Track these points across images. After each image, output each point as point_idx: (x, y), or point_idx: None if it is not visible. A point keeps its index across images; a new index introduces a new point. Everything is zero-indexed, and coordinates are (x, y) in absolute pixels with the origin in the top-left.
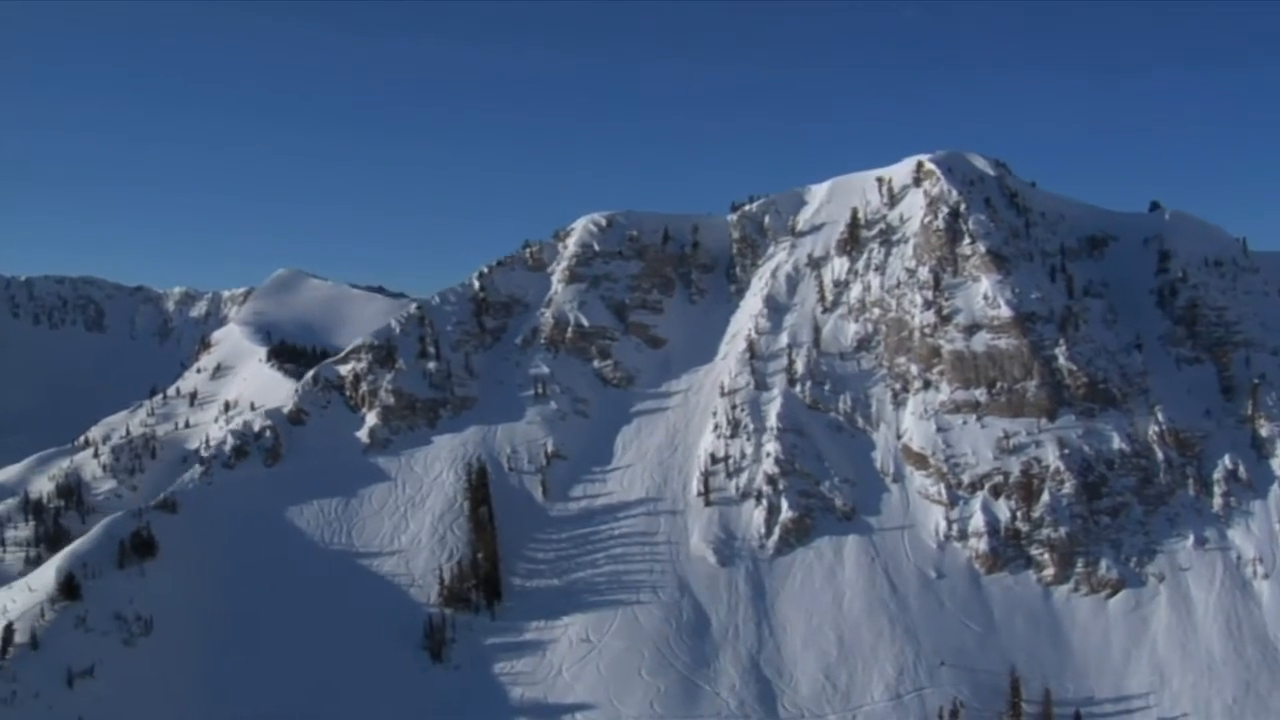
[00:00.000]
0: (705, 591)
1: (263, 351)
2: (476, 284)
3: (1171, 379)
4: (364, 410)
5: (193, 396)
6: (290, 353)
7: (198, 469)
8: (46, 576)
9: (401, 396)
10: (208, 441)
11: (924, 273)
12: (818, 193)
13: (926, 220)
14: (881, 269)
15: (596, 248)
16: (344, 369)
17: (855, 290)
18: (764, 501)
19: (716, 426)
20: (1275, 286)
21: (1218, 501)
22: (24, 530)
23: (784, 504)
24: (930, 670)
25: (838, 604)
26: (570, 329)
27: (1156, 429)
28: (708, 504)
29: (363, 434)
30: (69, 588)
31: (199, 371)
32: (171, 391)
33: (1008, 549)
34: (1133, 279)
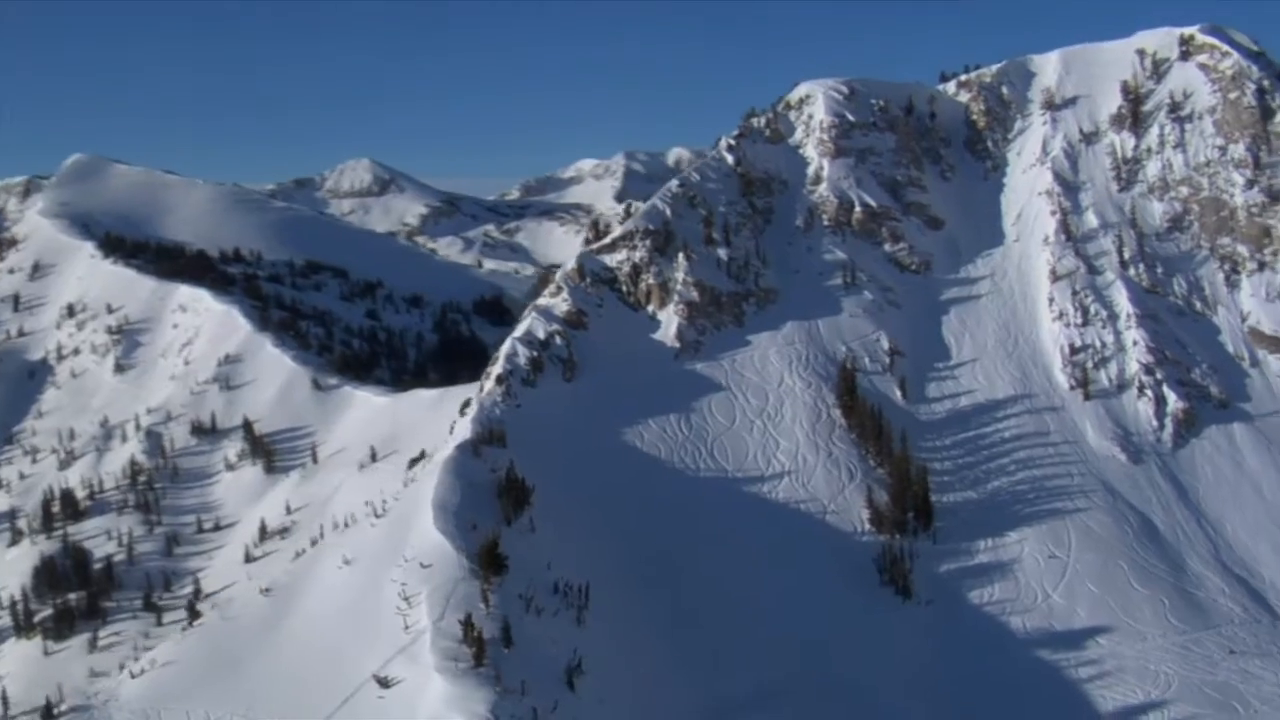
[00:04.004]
0: (1131, 492)
1: (89, 246)
2: (730, 158)
3: None
4: (651, 307)
5: (15, 300)
6: (127, 246)
7: (495, 388)
8: (428, 542)
9: (704, 290)
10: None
11: (1239, 150)
12: (1045, 64)
13: (1233, 96)
14: (1181, 146)
15: (851, 118)
16: (612, 259)
17: (1152, 168)
18: (1147, 393)
19: (1062, 314)
20: None
21: None
22: None
23: (1169, 394)
24: None
25: (1258, 494)
26: (857, 209)
27: None
28: (1087, 397)
29: (664, 336)
30: (494, 559)
31: (12, 272)
32: None
33: None
34: None
